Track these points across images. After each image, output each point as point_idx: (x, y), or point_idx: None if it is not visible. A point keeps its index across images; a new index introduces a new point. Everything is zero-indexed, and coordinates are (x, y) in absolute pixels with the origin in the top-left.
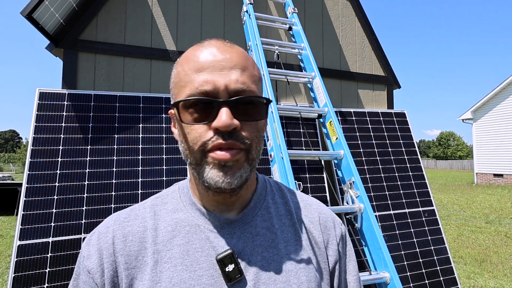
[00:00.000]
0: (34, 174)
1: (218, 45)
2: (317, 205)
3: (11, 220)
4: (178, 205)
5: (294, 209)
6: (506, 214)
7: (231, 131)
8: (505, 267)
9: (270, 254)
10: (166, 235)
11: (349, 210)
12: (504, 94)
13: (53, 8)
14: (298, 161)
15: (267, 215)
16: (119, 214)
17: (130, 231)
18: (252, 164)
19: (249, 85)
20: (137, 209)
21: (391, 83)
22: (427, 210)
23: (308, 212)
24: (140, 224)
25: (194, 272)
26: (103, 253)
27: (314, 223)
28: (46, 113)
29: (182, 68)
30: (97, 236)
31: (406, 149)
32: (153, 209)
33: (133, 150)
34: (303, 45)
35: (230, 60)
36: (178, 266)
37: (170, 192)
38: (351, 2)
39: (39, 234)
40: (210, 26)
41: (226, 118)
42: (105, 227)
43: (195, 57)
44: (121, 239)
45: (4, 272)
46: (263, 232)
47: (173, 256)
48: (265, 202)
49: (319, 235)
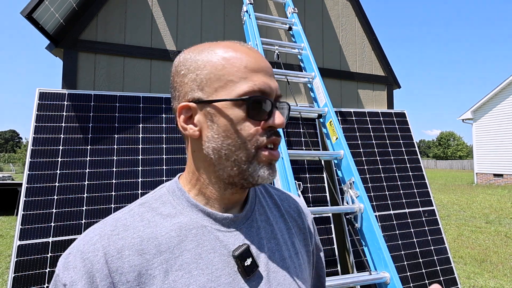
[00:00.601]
0: (34, 174)
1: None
2: (292, 196)
3: (11, 220)
4: (175, 208)
5: (279, 201)
6: (506, 214)
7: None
8: (505, 267)
9: (272, 244)
10: (172, 241)
11: (349, 210)
12: (504, 94)
13: (53, 8)
14: (298, 161)
15: (262, 209)
16: (102, 227)
17: (124, 244)
18: None
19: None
20: (123, 219)
21: (391, 83)
22: (427, 210)
23: (290, 203)
24: (134, 235)
25: (212, 274)
26: (94, 276)
27: (296, 212)
28: (46, 113)
29: (228, 62)
30: (81, 256)
31: (406, 149)
32: (143, 216)
33: (133, 150)
34: (303, 45)
35: (270, 68)
36: (193, 271)
37: (158, 197)
38: (351, 2)
39: (39, 234)
40: (210, 26)
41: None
42: (89, 245)
43: (249, 57)
44: (115, 255)
45: (4, 272)
46: (263, 225)
47: (185, 262)
48: (257, 197)
49: (301, 222)
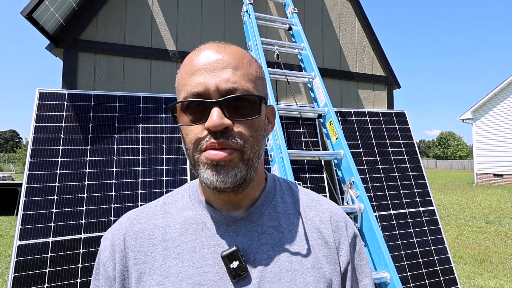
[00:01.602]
0: (34, 174)
1: (212, 47)
2: (328, 204)
3: (11, 220)
4: (187, 203)
5: (304, 208)
6: (506, 214)
7: (223, 130)
8: (505, 267)
9: (276, 252)
10: (175, 232)
11: (349, 210)
12: (504, 94)
13: (53, 8)
14: (298, 161)
15: (275, 214)
16: (133, 212)
17: (140, 228)
18: (249, 163)
19: (242, 84)
20: (149, 207)
21: (391, 83)
22: (427, 210)
23: (319, 212)
24: (150, 222)
25: (200, 268)
26: (115, 248)
27: (325, 223)
28: (46, 113)
29: (180, 73)
30: (112, 232)
31: (406, 149)
32: (164, 207)
33: (133, 150)
34: (303, 45)
35: (222, 60)
36: (185, 262)
37: (181, 191)
38: (351, 2)
39: (39, 234)
40: (210, 26)
41: (216, 118)
42: (119, 224)
43: (190, 61)
44: (131, 236)
45: (4, 272)
46: (269, 231)
47: (181, 253)
48: (274, 201)
49: (330, 235)
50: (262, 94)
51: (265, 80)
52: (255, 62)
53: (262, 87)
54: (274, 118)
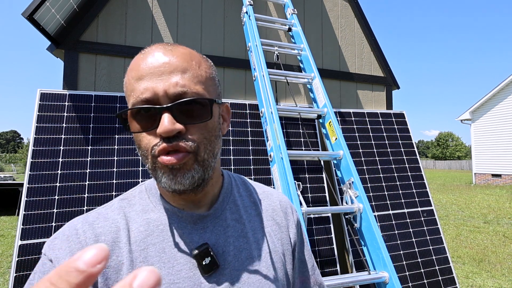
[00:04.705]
0: (35, 174)
1: (158, 49)
2: (277, 194)
3: (12, 220)
4: (148, 206)
5: (258, 200)
6: (504, 214)
7: (176, 135)
8: (503, 267)
9: (240, 243)
10: (139, 235)
11: (348, 210)
12: (502, 95)
13: (54, 9)
14: (298, 161)
15: (235, 207)
16: (85, 217)
17: (102, 231)
18: (205, 164)
19: (192, 87)
20: (104, 212)
21: (390, 84)
22: (426, 210)
23: (270, 201)
24: (112, 224)
25: (173, 268)
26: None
27: (277, 210)
28: (47, 113)
29: (127, 77)
30: (65, 238)
31: (405, 150)
32: (122, 210)
33: (133, 151)
34: (302, 46)
35: (169, 64)
36: (155, 264)
37: (137, 193)
38: (350, 3)
39: (40, 234)
40: (210, 27)
41: (167, 124)
42: (72, 229)
43: (136, 66)
44: (93, 238)
45: (5, 272)
46: (232, 223)
47: (149, 255)
48: (232, 196)
49: (281, 220)
50: (214, 94)
51: (216, 79)
52: (205, 62)
53: (214, 87)
54: (229, 115)
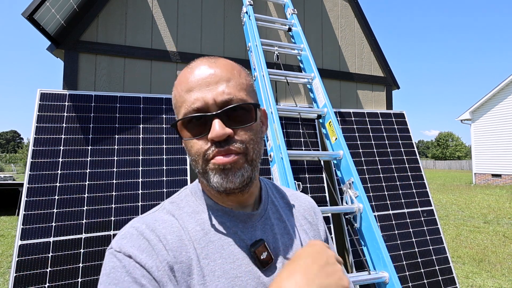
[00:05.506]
0: (35, 174)
1: (203, 63)
2: (304, 195)
3: (12, 220)
4: (198, 207)
5: (290, 201)
6: (504, 214)
7: (226, 139)
8: (503, 267)
9: (285, 239)
10: (197, 234)
11: (348, 210)
12: (502, 95)
13: (54, 10)
14: (298, 161)
15: (274, 208)
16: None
17: (166, 231)
18: (253, 163)
19: (236, 94)
20: (158, 215)
21: (390, 84)
22: (426, 210)
23: (300, 202)
24: (172, 224)
25: (234, 263)
26: (155, 247)
27: (307, 210)
28: (47, 113)
29: (176, 90)
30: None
31: (405, 150)
32: (172, 213)
33: (133, 151)
34: (302, 46)
35: (214, 75)
36: (217, 260)
37: (183, 197)
38: (350, 3)
39: (40, 234)
40: (210, 27)
41: (218, 129)
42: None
43: (185, 79)
44: (160, 237)
45: (5, 272)
46: (276, 222)
47: (210, 252)
48: (269, 197)
49: (312, 219)
50: (254, 100)
51: (254, 86)
52: (244, 71)
53: (253, 93)
54: (267, 119)
